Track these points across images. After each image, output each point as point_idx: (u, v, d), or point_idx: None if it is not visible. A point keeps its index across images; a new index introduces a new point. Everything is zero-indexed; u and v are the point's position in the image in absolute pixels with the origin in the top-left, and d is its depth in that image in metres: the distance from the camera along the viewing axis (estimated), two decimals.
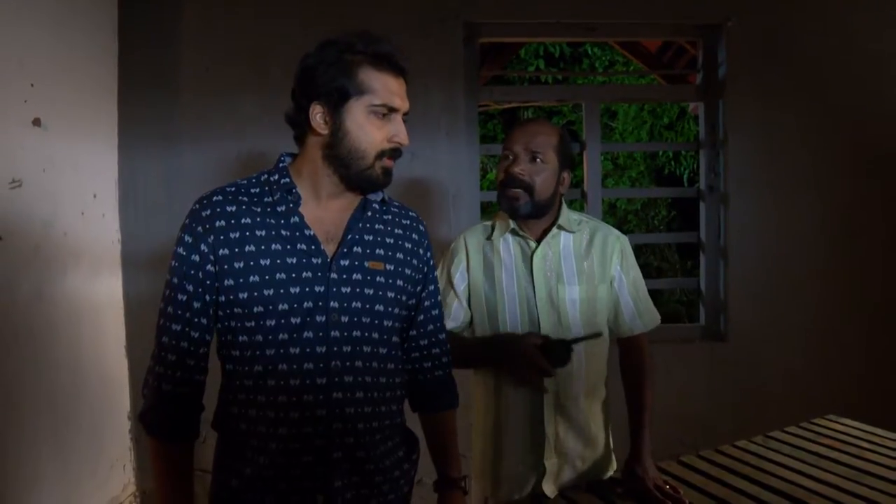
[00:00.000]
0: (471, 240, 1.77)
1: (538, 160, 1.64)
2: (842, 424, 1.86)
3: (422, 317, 1.41)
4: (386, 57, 1.21)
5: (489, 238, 1.75)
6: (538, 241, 1.70)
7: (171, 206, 2.90)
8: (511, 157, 1.66)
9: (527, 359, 1.57)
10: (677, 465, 1.64)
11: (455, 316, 1.75)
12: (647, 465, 1.55)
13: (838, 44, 3.05)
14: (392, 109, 1.21)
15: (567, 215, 1.73)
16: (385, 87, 1.20)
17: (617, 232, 1.78)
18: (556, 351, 1.57)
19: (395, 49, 1.22)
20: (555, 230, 1.70)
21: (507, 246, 1.73)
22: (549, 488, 1.67)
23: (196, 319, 1.22)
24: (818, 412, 2.01)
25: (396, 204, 1.40)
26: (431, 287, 1.43)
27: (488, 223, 1.80)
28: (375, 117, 1.20)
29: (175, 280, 1.22)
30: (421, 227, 1.41)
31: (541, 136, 1.65)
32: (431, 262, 1.43)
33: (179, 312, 1.21)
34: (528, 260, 1.70)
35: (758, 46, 3.03)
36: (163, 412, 1.22)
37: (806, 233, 3.07)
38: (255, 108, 2.88)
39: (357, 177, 1.22)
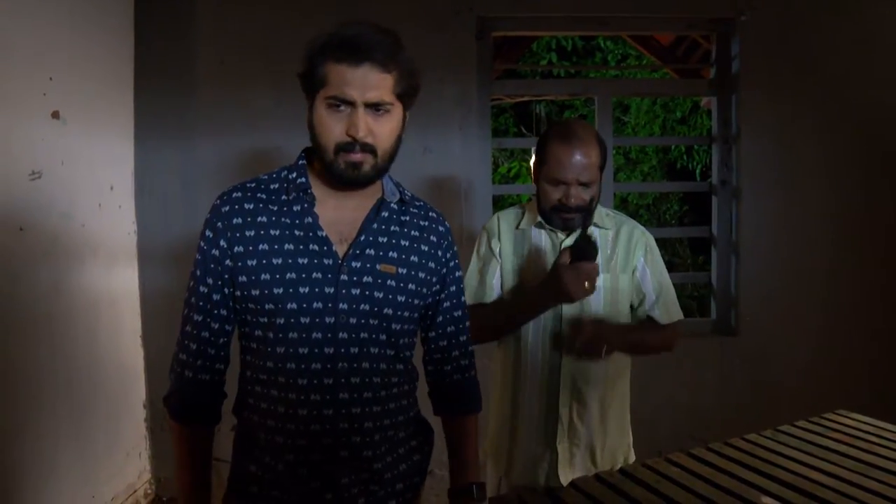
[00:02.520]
0: (504, 222, 1.81)
1: (589, 184, 1.66)
2: (852, 419, 1.86)
3: (440, 318, 1.40)
4: (343, 45, 1.14)
5: (518, 226, 1.80)
6: (567, 234, 1.74)
7: (186, 197, 2.93)
8: (562, 186, 1.66)
9: (564, 274, 1.56)
10: (687, 457, 1.64)
11: (497, 287, 1.79)
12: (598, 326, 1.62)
13: (852, 38, 3.03)
14: (344, 101, 1.15)
15: (598, 211, 1.77)
16: (339, 78, 1.14)
17: (643, 228, 1.84)
18: (581, 249, 1.57)
19: (361, 35, 1.15)
20: (591, 227, 1.74)
21: (538, 235, 1.78)
22: (562, 474, 1.69)
23: (216, 311, 1.24)
24: (828, 407, 2.01)
25: (419, 203, 1.38)
26: (452, 288, 1.40)
27: (519, 210, 1.84)
28: (333, 110, 1.16)
29: (198, 272, 1.25)
30: (441, 228, 1.38)
31: (590, 162, 1.65)
32: (452, 263, 1.40)
33: (201, 304, 1.24)
34: (558, 247, 1.74)
35: (771, 41, 3.01)
36: (184, 397, 1.26)
37: (818, 228, 3.06)
38: (268, 101, 2.90)
39: (327, 171, 1.21)
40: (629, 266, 1.77)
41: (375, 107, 1.17)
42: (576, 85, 3.72)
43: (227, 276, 1.23)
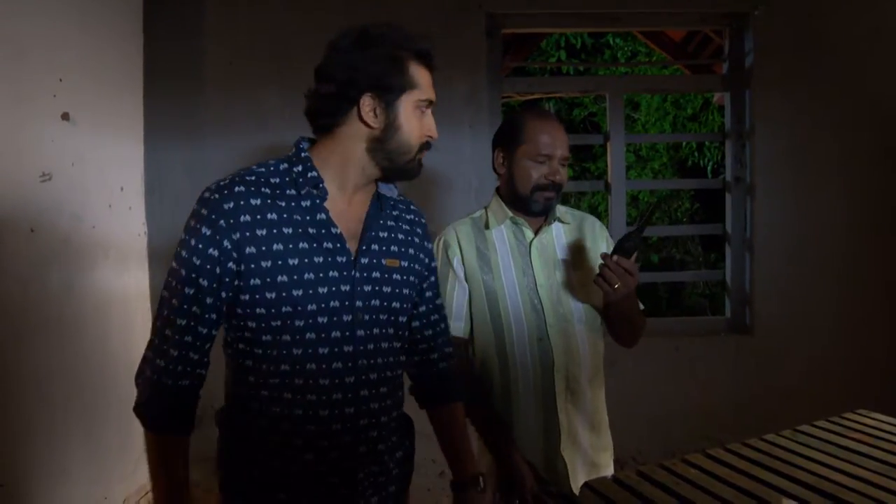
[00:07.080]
0: (461, 231, 1.75)
1: (567, 165, 1.70)
2: (872, 419, 1.83)
3: (424, 307, 1.43)
4: (427, 53, 1.25)
5: (482, 229, 1.74)
6: (535, 231, 1.73)
7: (196, 198, 2.92)
8: (547, 163, 1.66)
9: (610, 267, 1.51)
10: (704, 457, 1.62)
11: (458, 314, 1.70)
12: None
13: (867, 32, 2.99)
14: (430, 103, 1.26)
15: (558, 207, 1.76)
16: (427, 83, 1.24)
17: (594, 218, 1.85)
18: (629, 242, 1.52)
19: (432, 44, 1.26)
20: (555, 222, 1.74)
21: (502, 235, 1.73)
22: (573, 483, 1.65)
23: (206, 315, 1.16)
24: (846, 406, 1.98)
25: (400, 197, 1.40)
26: (433, 278, 1.45)
27: (476, 215, 1.79)
28: (419, 112, 1.24)
29: (184, 272, 1.15)
30: (423, 220, 1.44)
31: (567, 141, 1.68)
32: (432, 254, 1.47)
33: (186, 307, 1.15)
34: (526, 248, 1.71)
35: (785, 35, 2.98)
36: (161, 405, 1.17)
37: (833, 225, 3.02)
38: (277, 101, 2.90)
39: (399, 169, 1.26)
40: (596, 260, 1.71)
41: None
42: (587, 82, 3.69)
43: (227, 280, 1.16)
